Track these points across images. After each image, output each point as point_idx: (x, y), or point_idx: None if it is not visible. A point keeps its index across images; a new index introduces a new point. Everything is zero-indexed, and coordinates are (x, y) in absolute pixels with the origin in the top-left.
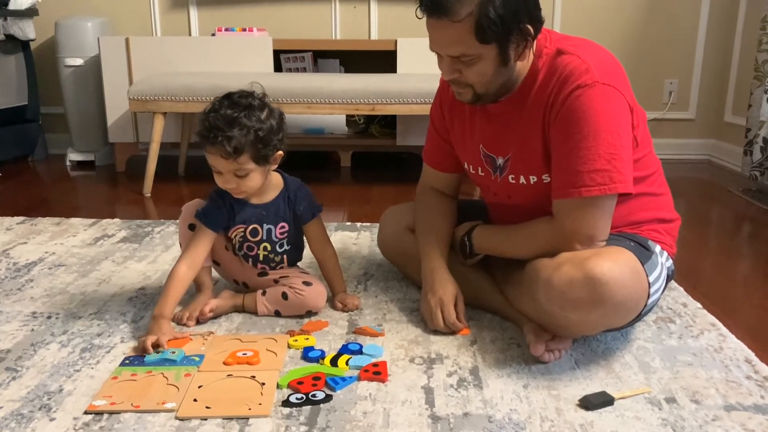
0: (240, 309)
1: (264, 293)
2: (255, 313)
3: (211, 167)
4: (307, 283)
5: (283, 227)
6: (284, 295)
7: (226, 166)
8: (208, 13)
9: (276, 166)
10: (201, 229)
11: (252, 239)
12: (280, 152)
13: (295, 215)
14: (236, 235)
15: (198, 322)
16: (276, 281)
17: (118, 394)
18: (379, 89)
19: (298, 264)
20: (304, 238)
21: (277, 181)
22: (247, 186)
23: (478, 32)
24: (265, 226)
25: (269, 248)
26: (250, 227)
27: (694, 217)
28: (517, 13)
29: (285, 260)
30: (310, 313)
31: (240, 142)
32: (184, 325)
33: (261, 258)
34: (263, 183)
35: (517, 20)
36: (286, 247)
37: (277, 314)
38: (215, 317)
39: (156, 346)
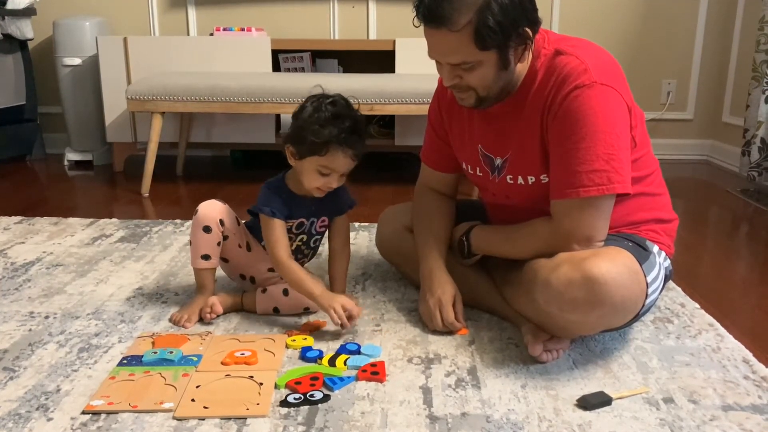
0: (239, 307)
1: (264, 291)
2: (254, 311)
3: (322, 168)
4: None
5: (323, 221)
6: (285, 291)
7: (346, 168)
8: (207, 13)
9: None
10: (275, 223)
11: (295, 231)
12: None
13: (334, 207)
14: None
15: (201, 321)
16: (281, 278)
17: (115, 394)
18: (378, 89)
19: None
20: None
21: None
22: (339, 184)
23: (478, 40)
24: (310, 219)
25: (305, 239)
26: (298, 221)
27: (692, 217)
28: (515, 18)
29: (308, 257)
30: (308, 312)
31: (364, 143)
32: (183, 326)
33: (293, 248)
34: None
35: (515, 25)
36: (317, 244)
37: (276, 311)
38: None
39: (350, 318)
